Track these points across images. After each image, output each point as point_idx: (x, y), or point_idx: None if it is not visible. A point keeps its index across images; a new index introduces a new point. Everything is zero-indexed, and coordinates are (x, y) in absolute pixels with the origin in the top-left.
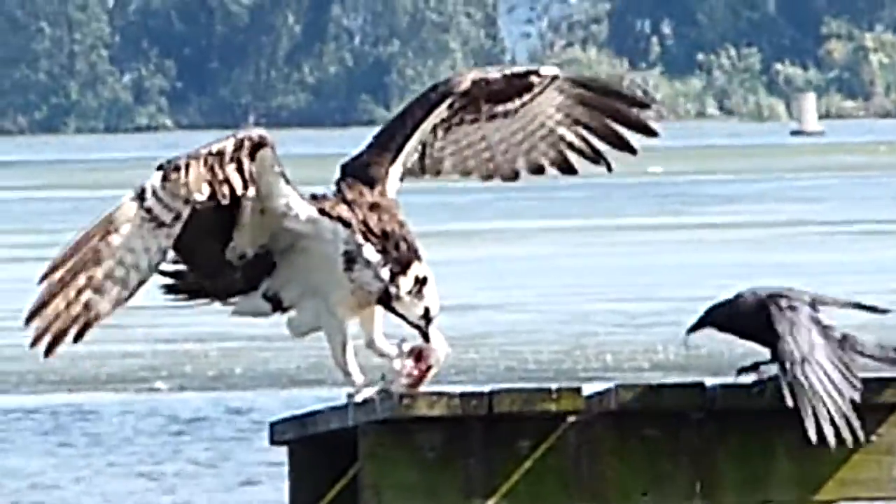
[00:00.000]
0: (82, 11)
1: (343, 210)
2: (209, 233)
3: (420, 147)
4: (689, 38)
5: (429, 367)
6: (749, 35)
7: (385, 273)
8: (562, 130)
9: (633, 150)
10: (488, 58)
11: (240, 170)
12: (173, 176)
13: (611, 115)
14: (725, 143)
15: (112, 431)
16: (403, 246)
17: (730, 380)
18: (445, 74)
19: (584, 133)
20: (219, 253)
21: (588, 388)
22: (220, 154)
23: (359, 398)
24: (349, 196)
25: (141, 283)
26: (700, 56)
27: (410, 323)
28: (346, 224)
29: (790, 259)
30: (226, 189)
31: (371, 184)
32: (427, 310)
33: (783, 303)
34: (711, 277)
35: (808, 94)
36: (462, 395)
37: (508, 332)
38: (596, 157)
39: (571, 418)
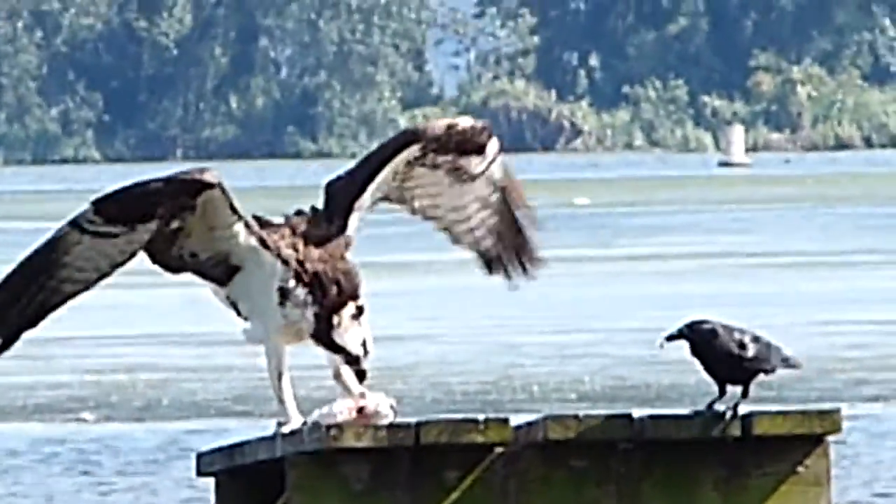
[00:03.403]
0: (10, 43)
1: (284, 246)
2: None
3: (391, 181)
4: (616, 70)
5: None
6: (677, 67)
7: (310, 315)
8: (499, 225)
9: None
10: (416, 90)
11: (175, 207)
12: (106, 209)
13: (515, 244)
14: (653, 175)
15: (37, 462)
16: (334, 290)
17: (657, 411)
18: (373, 107)
19: (498, 244)
20: (171, 248)
21: (516, 420)
22: (157, 192)
23: (287, 429)
24: (298, 232)
25: (102, 277)
26: (627, 88)
27: (347, 357)
28: (284, 262)
29: (718, 290)
30: (159, 222)
31: (331, 220)
32: (364, 341)
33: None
34: (639, 309)
35: (736, 126)
36: (389, 426)
37: (437, 362)
38: (501, 269)
39: (499, 449)
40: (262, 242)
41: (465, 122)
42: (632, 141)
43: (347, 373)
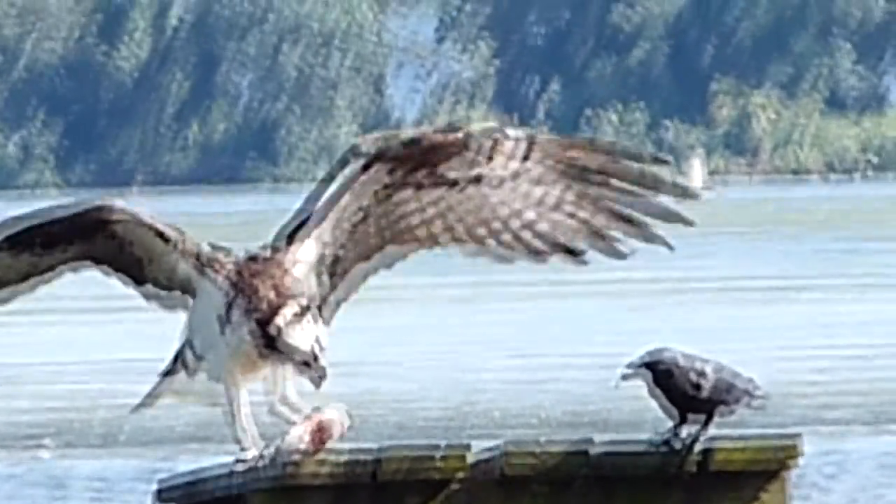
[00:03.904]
0: None
1: (220, 275)
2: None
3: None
4: (576, 95)
5: (326, 440)
6: (637, 93)
7: (247, 331)
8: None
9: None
10: (376, 117)
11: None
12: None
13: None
14: None
15: None
16: (272, 295)
17: (616, 437)
18: (333, 133)
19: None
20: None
21: (477, 446)
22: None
23: (243, 465)
24: (241, 261)
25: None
26: (587, 114)
27: (303, 365)
28: (220, 288)
29: (678, 318)
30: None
31: (283, 245)
32: (317, 338)
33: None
34: (599, 336)
35: (696, 152)
36: (347, 461)
37: (396, 392)
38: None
39: (456, 485)
40: (200, 271)
41: (429, 134)
42: None
43: (284, 406)
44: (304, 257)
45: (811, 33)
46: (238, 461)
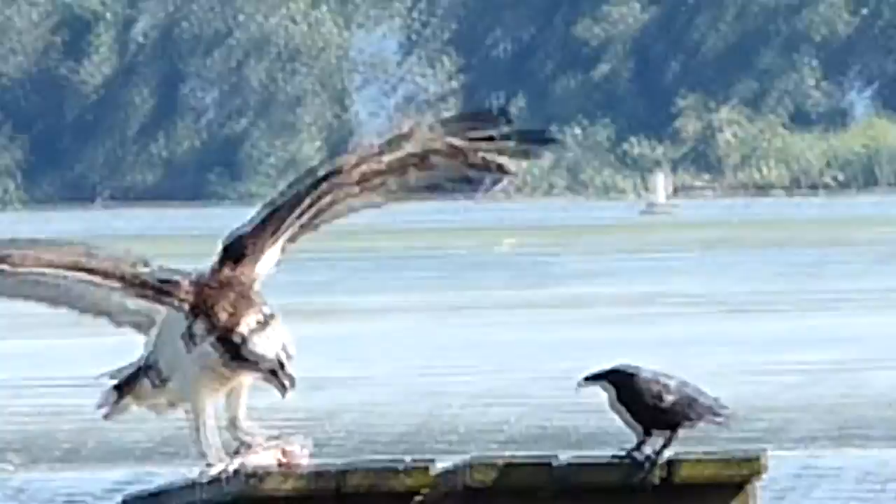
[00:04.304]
0: None
1: (179, 293)
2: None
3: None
4: (541, 111)
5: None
6: (602, 108)
7: (209, 345)
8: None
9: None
10: (339, 134)
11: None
12: None
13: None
14: (577, 219)
15: None
16: (234, 309)
17: (581, 453)
18: (296, 151)
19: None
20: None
21: (440, 463)
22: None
23: (207, 476)
24: (199, 277)
25: None
26: (552, 129)
27: (270, 374)
28: (180, 308)
29: (642, 335)
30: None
31: (239, 260)
32: (281, 348)
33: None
34: (563, 353)
35: (659, 170)
36: (312, 473)
37: (361, 407)
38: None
39: (419, 497)
40: (153, 296)
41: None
42: (555, 184)
43: (243, 422)
44: (263, 270)
45: (776, 49)
46: (203, 475)
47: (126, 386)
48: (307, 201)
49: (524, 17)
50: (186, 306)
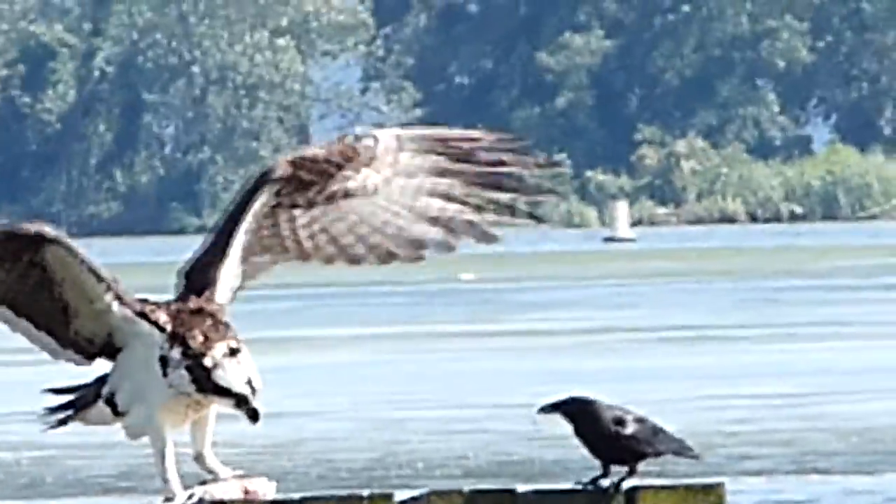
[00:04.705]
0: None
1: (161, 316)
2: (51, 313)
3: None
4: None
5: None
6: (561, 141)
7: (185, 371)
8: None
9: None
10: None
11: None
12: None
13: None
14: (538, 250)
15: None
16: (200, 338)
17: (541, 486)
18: None
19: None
20: (67, 332)
21: (400, 496)
22: None
23: None
24: (172, 305)
25: None
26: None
27: (237, 400)
28: (161, 328)
29: (602, 366)
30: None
31: (202, 290)
32: (249, 379)
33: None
34: (524, 384)
35: (620, 201)
36: (272, 502)
37: (321, 438)
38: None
39: None
40: (138, 313)
41: (314, 150)
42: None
43: (210, 454)
44: (224, 298)
45: (736, 80)
46: (169, 500)
47: (80, 408)
48: (244, 209)
49: (482, 50)
50: (169, 328)
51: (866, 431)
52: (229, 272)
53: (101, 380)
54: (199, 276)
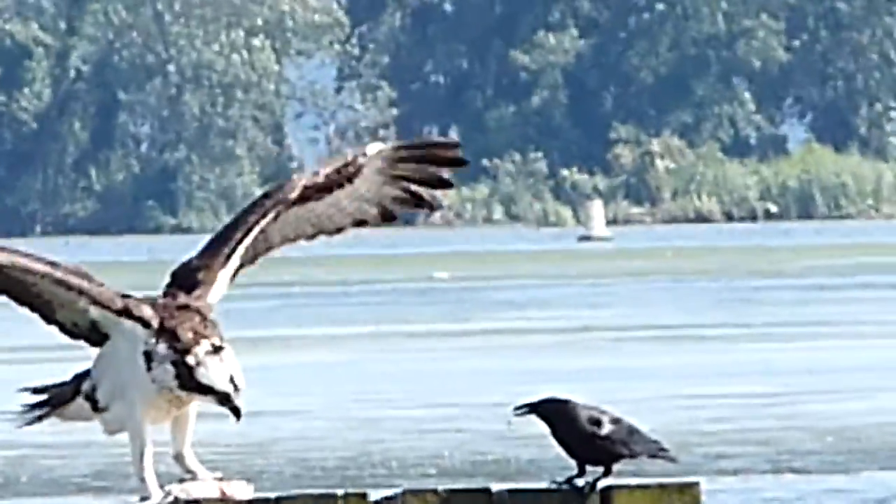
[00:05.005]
0: None
1: (145, 311)
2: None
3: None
4: (475, 143)
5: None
6: (536, 141)
7: (170, 366)
8: (385, 189)
9: (448, 185)
10: (276, 164)
11: None
12: None
13: (425, 161)
14: (512, 249)
15: None
16: (189, 334)
17: (516, 486)
18: (232, 181)
19: (405, 185)
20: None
21: (375, 495)
22: None
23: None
24: (159, 301)
25: None
26: (487, 162)
27: (219, 398)
28: (146, 324)
29: (577, 365)
30: None
31: (192, 289)
32: (232, 377)
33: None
34: (499, 383)
35: (596, 200)
36: (248, 502)
37: (295, 438)
38: (418, 202)
39: None
40: (119, 310)
41: (326, 170)
42: (491, 215)
43: (190, 453)
44: (214, 299)
45: (711, 79)
46: (144, 499)
47: (58, 405)
48: (254, 223)
49: (459, 47)
50: (155, 323)
51: (843, 430)
52: (225, 278)
53: (80, 377)
54: (192, 276)
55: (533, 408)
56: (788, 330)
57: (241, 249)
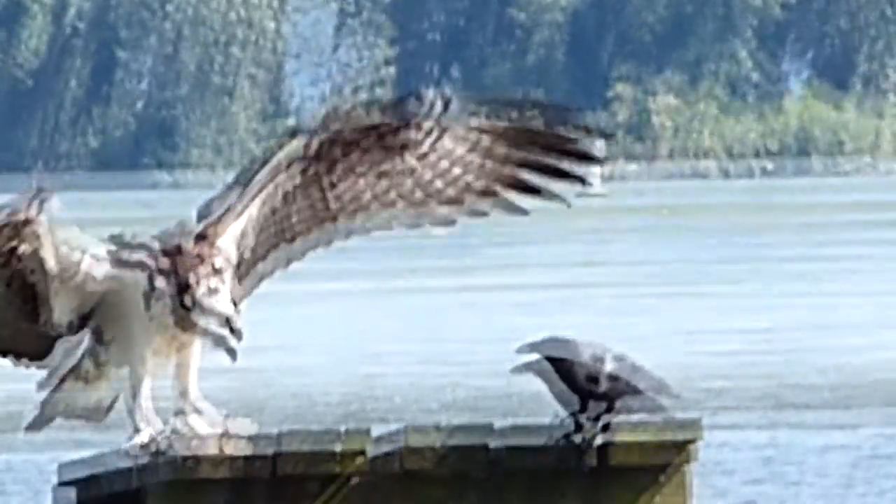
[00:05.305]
0: None
1: (141, 255)
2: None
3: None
4: (475, 92)
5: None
6: (535, 88)
7: (169, 300)
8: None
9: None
10: (274, 121)
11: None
12: None
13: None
14: None
15: None
16: (187, 274)
17: (517, 421)
18: (229, 138)
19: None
20: (35, 332)
21: (377, 431)
22: None
23: (136, 448)
24: (166, 239)
25: None
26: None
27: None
28: (144, 269)
29: (575, 321)
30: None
31: (206, 230)
32: (228, 318)
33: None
34: (498, 325)
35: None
36: (246, 457)
37: (297, 374)
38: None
39: (356, 479)
40: (119, 261)
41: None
42: None
43: (197, 394)
44: (225, 244)
45: (711, 28)
46: (133, 443)
47: (62, 380)
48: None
49: (456, 4)
50: (150, 265)
51: (841, 387)
52: (240, 222)
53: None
54: (208, 219)
55: (535, 346)
56: (787, 287)
57: (256, 202)
